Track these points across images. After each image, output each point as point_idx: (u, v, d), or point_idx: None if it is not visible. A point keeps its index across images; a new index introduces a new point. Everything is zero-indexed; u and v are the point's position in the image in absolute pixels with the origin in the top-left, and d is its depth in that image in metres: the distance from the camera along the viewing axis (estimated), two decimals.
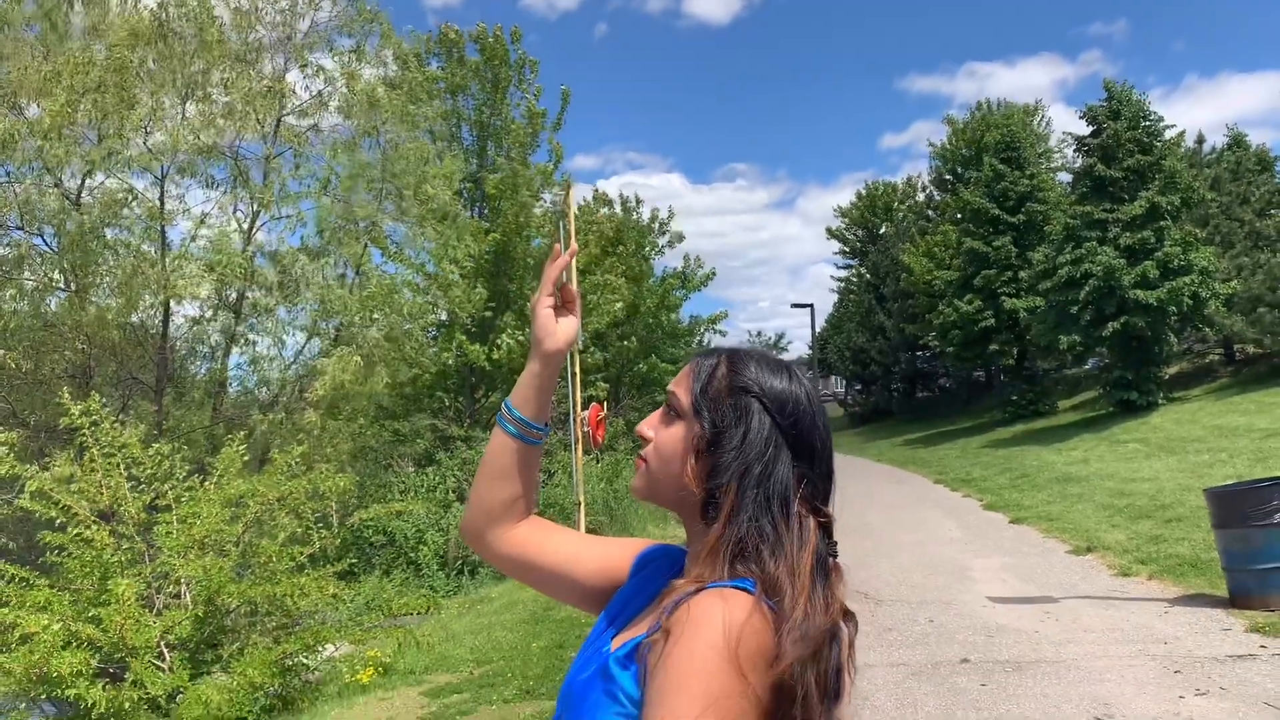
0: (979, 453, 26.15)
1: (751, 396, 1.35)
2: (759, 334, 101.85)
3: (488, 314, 18.80)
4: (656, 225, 27.24)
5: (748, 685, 1.18)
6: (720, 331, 27.29)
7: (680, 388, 1.38)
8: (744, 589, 1.25)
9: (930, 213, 48.23)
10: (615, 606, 1.51)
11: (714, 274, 28.46)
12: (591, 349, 20.87)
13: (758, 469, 1.32)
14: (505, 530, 1.55)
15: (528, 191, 19.61)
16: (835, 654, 1.33)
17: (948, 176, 46.28)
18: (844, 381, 58.35)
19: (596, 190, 28.78)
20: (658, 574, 1.50)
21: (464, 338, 18.36)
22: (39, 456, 10.55)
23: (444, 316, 18.49)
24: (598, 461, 15.98)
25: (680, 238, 27.52)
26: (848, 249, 58.79)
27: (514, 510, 1.54)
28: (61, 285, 13.29)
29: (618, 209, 27.33)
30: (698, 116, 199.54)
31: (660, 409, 1.42)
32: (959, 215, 37.80)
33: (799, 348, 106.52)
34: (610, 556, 1.56)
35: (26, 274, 13.03)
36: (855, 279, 54.68)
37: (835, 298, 59.69)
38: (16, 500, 8.48)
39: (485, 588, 12.89)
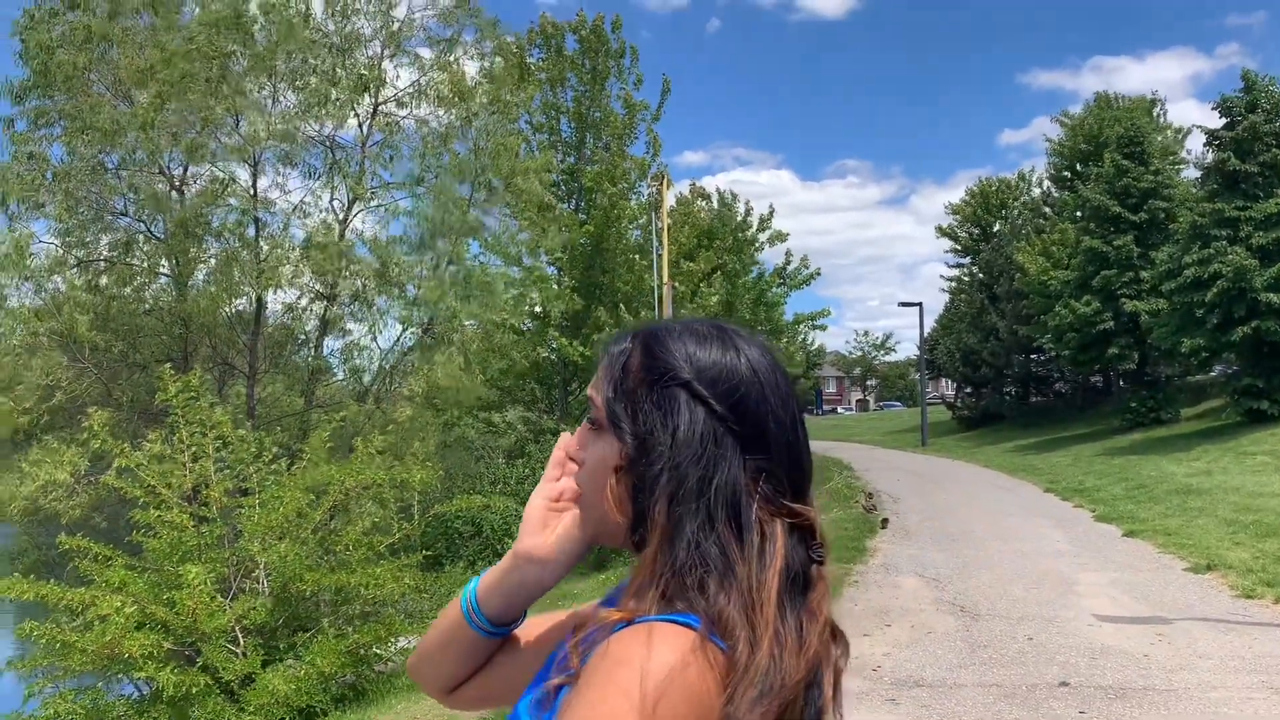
0: (1093, 461, 24.95)
1: (675, 384, 1.01)
2: (865, 333, 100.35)
3: (580, 307, 18.66)
4: (756, 222, 26.76)
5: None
6: (820, 328, 26.63)
7: (595, 389, 1.06)
8: (685, 624, 0.92)
9: (1047, 210, 46.48)
10: (554, 656, 1.21)
11: (818, 273, 27.89)
12: None
13: (694, 477, 0.98)
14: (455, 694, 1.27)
15: (624, 183, 19.41)
16: (815, 702, 0.98)
17: (1065, 173, 44.52)
18: (953, 384, 56.72)
19: (694, 185, 28.36)
20: None
21: (557, 331, 18.26)
22: (132, 437, 10.78)
23: (538, 309, 18.43)
24: None
25: (782, 236, 26.96)
26: (959, 247, 57.13)
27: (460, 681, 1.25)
28: (166, 271, 13.62)
29: (715, 204, 26.90)
30: (809, 112, 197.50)
31: (584, 422, 1.07)
32: (1077, 213, 36.27)
33: (908, 348, 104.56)
34: (557, 625, 1.23)
35: (133, 260, 13.38)
36: (967, 278, 53.08)
37: (946, 298, 58.14)
38: (103, 477, 8.60)
39: (570, 583, 12.71)
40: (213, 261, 12.98)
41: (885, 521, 15.77)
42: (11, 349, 12.78)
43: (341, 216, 14.39)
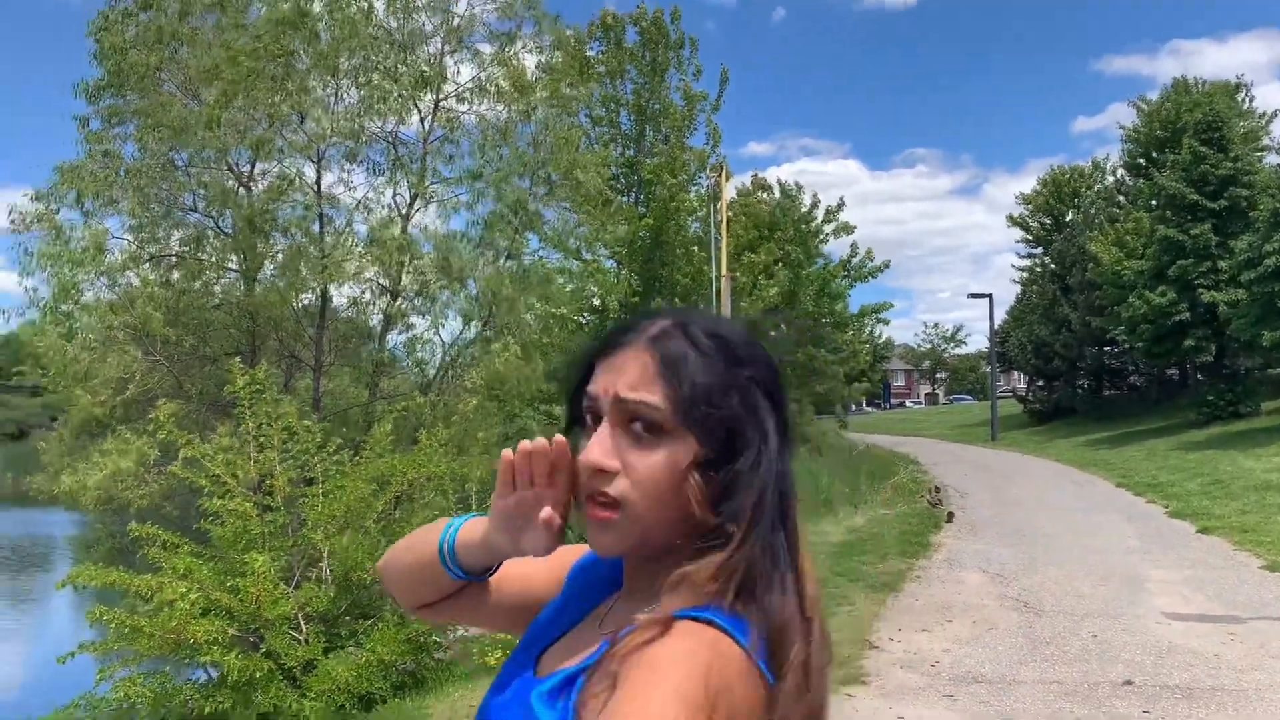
0: (1168, 455, 24.29)
1: (752, 380, 1.04)
2: (935, 326, 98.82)
3: (636, 299, 18.67)
4: (822, 214, 26.48)
5: None
6: (884, 321, 26.31)
7: (651, 392, 1.00)
8: (729, 633, 0.95)
9: (1121, 199, 45.30)
10: (540, 622, 1.19)
11: (885, 266, 27.51)
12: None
13: (775, 478, 1.03)
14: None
15: (683, 175, 19.36)
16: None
17: (1140, 160, 43.33)
18: (1025, 377, 55.63)
19: (756, 176, 28.16)
20: (591, 587, 1.18)
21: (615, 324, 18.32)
22: (202, 428, 11.05)
23: (596, 302, 18.47)
24: None
25: (848, 228, 26.66)
26: (1030, 237, 56.01)
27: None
28: (235, 266, 13.93)
29: (778, 195, 26.66)
30: (877, 100, 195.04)
31: (606, 427, 1.02)
32: (1153, 201, 35.28)
33: (978, 341, 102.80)
34: (535, 569, 1.24)
35: (203, 255, 13.71)
36: (1038, 269, 52.03)
37: (1018, 289, 57.00)
38: (170, 467, 8.81)
39: None
40: (279, 256, 13.25)
41: (951, 515, 15.56)
42: (88, 343, 13.15)
43: (403, 211, 14.58)
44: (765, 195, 27.15)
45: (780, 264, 22.05)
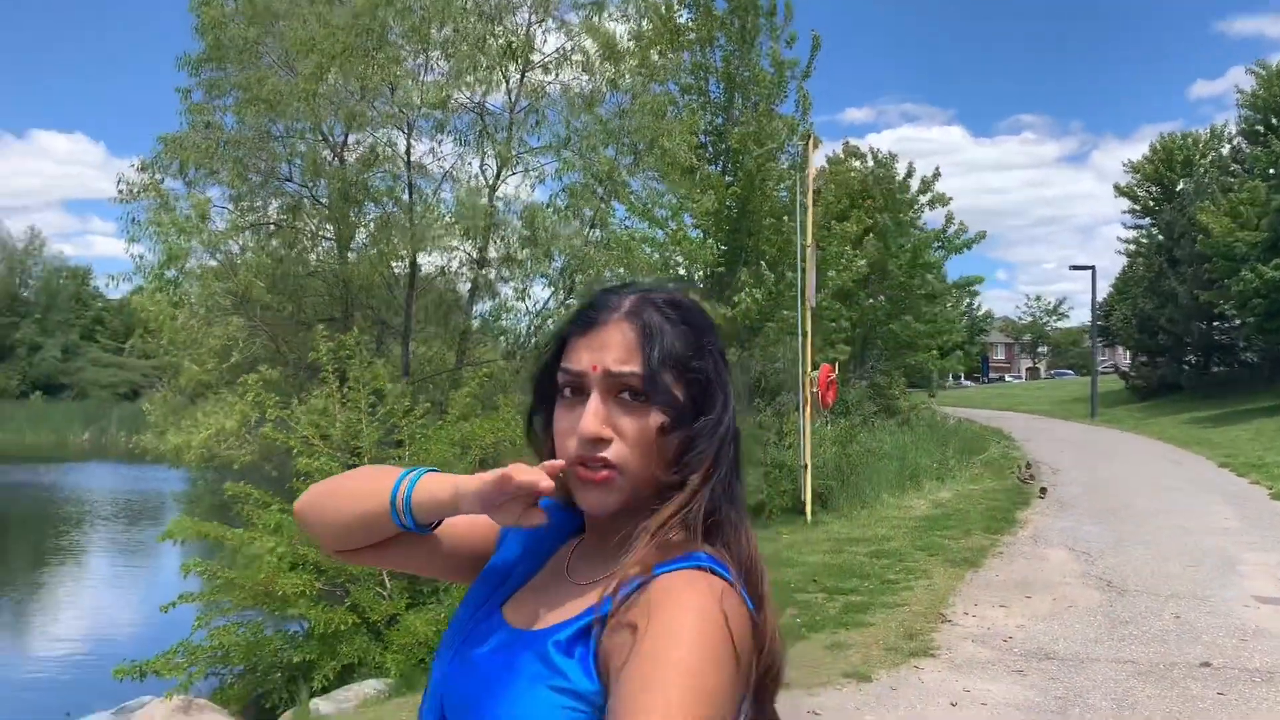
0: (1276, 436, 23.32)
1: (713, 344, 1.17)
2: (1038, 298, 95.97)
3: (722, 269, 18.62)
4: (917, 184, 25.95)
5: (739, 677, 1.01)
6: (973, 293, 25.73)
7: (637, 363, 1.10)
8: (721, 574, 1.08)
9: (1235, 167, 43.28)
10: (494, 573, 1.26)
11: (982, 236, 26.86)
12: (834, 306, 20.21)
13: (731, 430, 1.17)
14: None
15: (772, 143, 19.16)
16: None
17: (1258, 127, 41.28)
18: (1128, 352, 53.86)
19: (847, 143, 27.66)
20: (541, 539, 1.25)
21: (701, 291, 18.25)
22: (298, 391, 11.48)
23: (682, 271, 18.48)
24: (826, 424, 15.47)
25: (944, 200, 26.08)
26: (1138, 207, 53.98)
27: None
28: (330, 235, 14.36)
29: (871, 163, 26.19)
30: (983, 65, 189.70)
31: (596, 399, 1.10)
32: (1270, 170, 33.63)
33: (1082, 314, 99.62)
34: (479, 521, 1.30)
35: (299, 224, 14.16)
36: (1145, 240, 50.17)
37: (1124, 261, 55.08)
38: (262, 429, 9.18)
39: None
40: (371, 225, 13.61)
41: (1044, 490, 15.25)
42: (195, 311, 13.73)
43: (490, 181, 14.80)
44: (858, 163, 26.70)
45: (870, 234, 21.70)
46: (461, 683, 1.15)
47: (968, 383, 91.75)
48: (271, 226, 14.15)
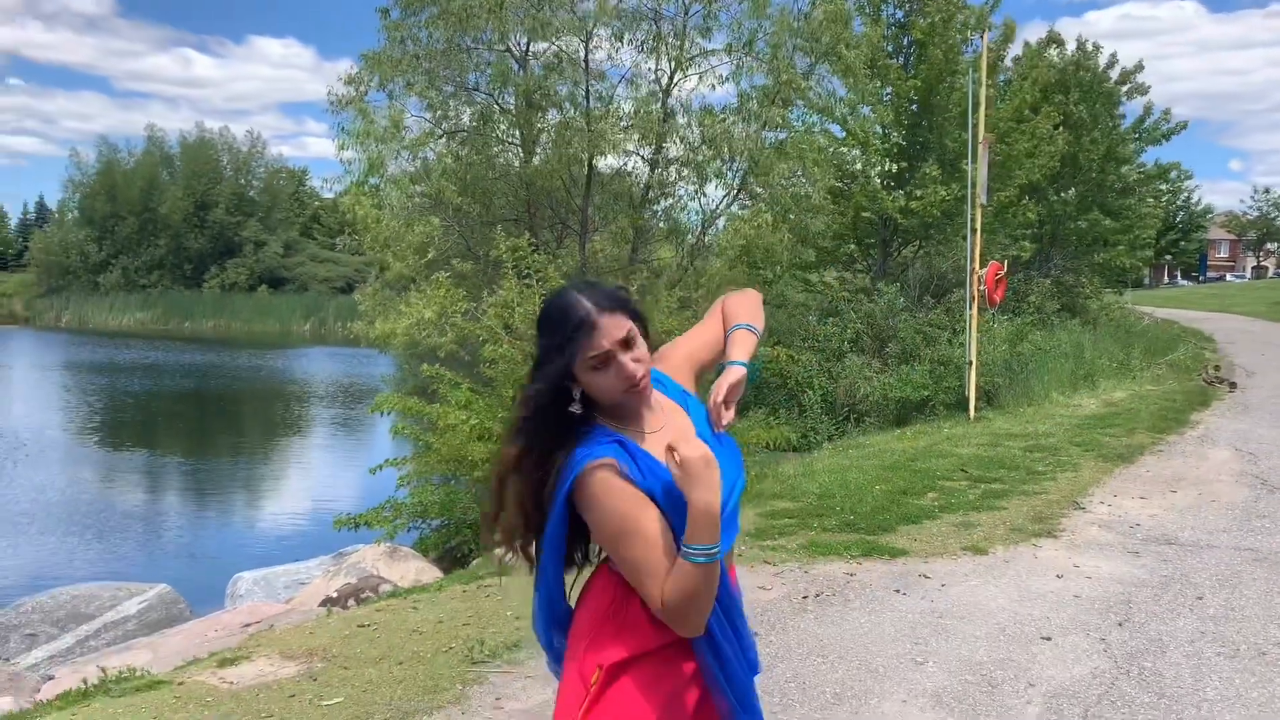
0: None
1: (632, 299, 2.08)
2: (1265, 190, 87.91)
3: (904, 165, 18.52)
4: (1117, 74, 24.53)
5: None
6: (1175, 186, 24.29)
7: (623, 329, 1.94)
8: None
9: None
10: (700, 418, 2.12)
11: (1183, 126, 25.25)
12: (1020, 203, 19.74)
13: None
14: None
15: (957, 35, 18.69)
16: None
17: None
18: None
19: (1051, 31, 26.25)
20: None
21: (879, 186, 18.25)
22: (487, 285, 12.59)
23: (858, 166, 18.52)
24: (992, 322, 15.44)
25: (1142, 90, 24.60)
26: None
27: None
28: (515, 140, 15.32)
29: (1072, 51, 24.85)
30: None
31: (623, 355, 1.92)
32: None
33: None
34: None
35: (487, 130, 15.18)
36: None
37: None
38: (451, 320, 10.29)
39: (867, 435, 13.32)
40: (552, 130, 14.44)
41: (1233, 385, 14.82)
42: (395, 213, 15.07)
43: (664, 85, 15.32)
44: (1055, 52, 25.44)
45: (1061, 128, 20.90)
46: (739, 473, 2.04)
47: (1184, 281, 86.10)
48: (462, 134, 15.22)
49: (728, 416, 1.95)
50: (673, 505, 1.85)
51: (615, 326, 1.90)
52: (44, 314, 64.79)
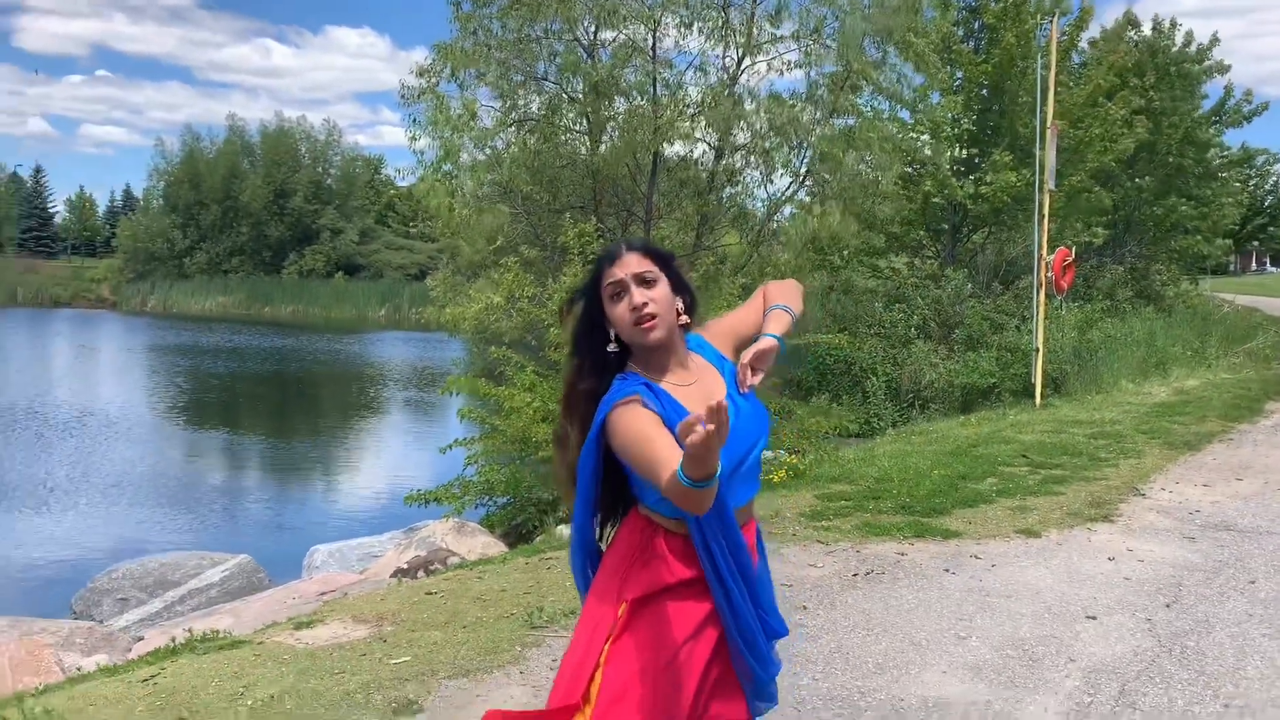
0: None
1: (669, 255, 2.33)
2: None
3: (974, 150, 18.34)
4: (1195, 51, 23.90)
5: None
6: (1263, 171, 23.60)
7: (644, 265, 2.18)
8: None
9: None
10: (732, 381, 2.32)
11: (1264, 108, 24.55)
12: (1094, 189, 19.41)
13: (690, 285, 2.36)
14: None
15: (1030, 19, 18.44)
16: None
17: None
18: None
19: (1128, 11, 25.66)
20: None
21: (948, 172, 18.10)
22: (554, 271, 12.88)
23: (928, 151, 18.39)
24: (1060, 308, 15.28)
25: (1222, 68, 23.91)
26: None
27: None
28: (583, 129, 15.57)
29: (1149, 32, 24.27)
30: None
31: (635, 289, 2.14)
32: None
33: None
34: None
35: (556, 119, 15.44)
36: None
37: None
38: (518, 305, 10.58)
39: (931, 421, 13.32)
40: (619, 118, 14.65)
41: None
42: (467, 201, 15.43)
43: (732, 72, 15.43)
44: (1134, 34, 24.87)
45: (1139, 113, 20.47)
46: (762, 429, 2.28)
47: (1273, 268, 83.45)
48: (532, 122, 15.51)
49: (754, 379, 2.13)
50: None
51: (637, 263, 2.15)
52: (131, 299, 66.98)
